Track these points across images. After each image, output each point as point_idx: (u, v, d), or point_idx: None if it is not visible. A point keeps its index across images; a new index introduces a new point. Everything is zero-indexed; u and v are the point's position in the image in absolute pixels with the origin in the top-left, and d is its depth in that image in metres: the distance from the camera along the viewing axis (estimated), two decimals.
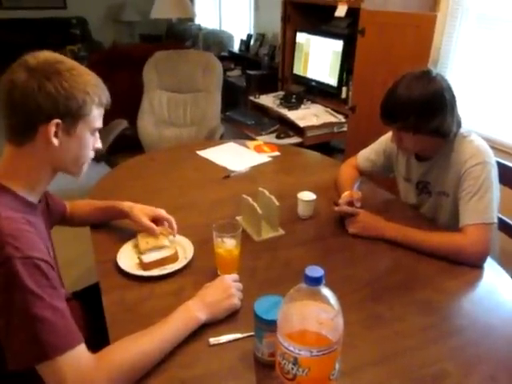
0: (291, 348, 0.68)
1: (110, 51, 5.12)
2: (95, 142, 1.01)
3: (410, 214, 1.52)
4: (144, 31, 6.72)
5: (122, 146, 2.74)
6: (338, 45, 2.69)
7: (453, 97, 1.28)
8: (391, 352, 0.94)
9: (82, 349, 0.80)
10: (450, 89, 1.27)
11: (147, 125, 2.83)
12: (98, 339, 0.89)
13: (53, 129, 0.88)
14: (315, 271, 0.67)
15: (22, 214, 0.88)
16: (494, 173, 1.29)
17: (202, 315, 0.96)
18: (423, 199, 1.50)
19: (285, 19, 3.01)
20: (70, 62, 0.92)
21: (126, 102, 2.95)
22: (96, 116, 0.96)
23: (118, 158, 2.74)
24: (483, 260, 1.22)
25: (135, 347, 0.85)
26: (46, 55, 0.90)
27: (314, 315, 0.70)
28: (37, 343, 0.76)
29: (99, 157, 2.81)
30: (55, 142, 0.90)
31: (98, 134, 1.01)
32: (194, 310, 0.96)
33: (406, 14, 2.19)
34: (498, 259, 1.33)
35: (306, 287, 0.69)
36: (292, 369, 0.70)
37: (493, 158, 1.30)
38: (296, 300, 0.70)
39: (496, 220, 1.26)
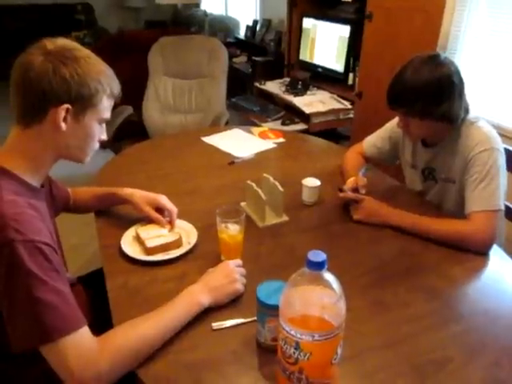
0: (293, 332, 0.68)
1: (116, 37, 5.09)
2: (101, 133, 1.01)
3: (415, 201, 1.51)
4: (149, 17, 6.67)
5: (127, 133, 2.74)
6: (344, 30, 2.65)
7: (461, 82, 1.26)
8: (395, 337, 0.94)
9: (85, 331, 0.81)
10: (458, 73, 1.25)
11: (152, 111, 2.82)
12: (101, 323, 0.90)
13: (62, 113, 0.89)
14: (317, 256, 0.67)
15: (25, 197, 0.88)
16: (502, 160, 1.27)
17: (205, 300, 0.96)
18: (429, 186, 1.48)
19: (291, 4, 2.97)
20: (86, 51, 0.93)
21: (131, 89, 2.92)
22: (106, 106, 0.96)
23: (123, 144, 2.73)
24: (489, 247, 1.20)
25: (138, 331, 0.86)
26: (64, 41, 0.91)
27: (316, 300, 0.70)
28: (40, 325, 0.76)
29: (105, 143, 2.79)
30: (63, 126, 0.90)
31: (104, 126, 1.01)
32: (197, 295, 0.96)
33: None
34: (504, 246, 1.32)
35: (308, 272, 0.68)
36: (294, 353, 0.70)
37: (501, 145, 1.28)
38: (298, 285, 0.70)
39: (503, 207, 1.24)
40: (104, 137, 1.02)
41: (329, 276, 0.69)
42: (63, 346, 0.77)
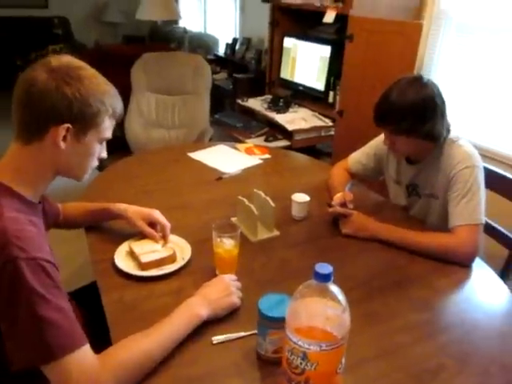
0: (300, 343, 0.70)
1: (94, 52, 5.07)
2: (101, 152, 1.01)
3: (399, 216, 1.56)
4: (127, 32, 6.67)
5: (109, 147, 2.70)
6: (325, 50, 2.74)
7: (443, 102, 1.33)
8: (389, 348, 0.97)
9: (86, 349, 0.80)
10: (440, 95, 1.32)
11: (135, 126, 2.82)
12: (96, 339, 0.89)
13: (62, 132, 0.89)
14: (324, 268, 0.69)
15: (26, 214, 0.88)
16: (482, 176, 1.34)
17: (203, 312, 0.97)
18: (413, 201, 1.54)
19: (273, 24, 3.04)
20: (91, 70, 0.93)
21: None
22: (107, 127, 0.96)
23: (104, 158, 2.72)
24: (472, 259, 1.26)
25: (139, 346, 0.86)
26: (69, 59, 0.91)
27: (322, 312, 0.72)
28: (43, 344, 0.76)
29: None
30: (62, 145, 0.90)
31: (104, 144, 1.01)
32: (196, 307, 0.97)
33: (394, 21, 2.26)
34: (483, 259, 1.38)
35: (315, 283, 0.71)
36: (301, 363, 0.72)
37: (480, 162, 1.36)
38: (305, 296, 0.72)
39: (483, 221, 1.31)
40: (104, 155, 1.02)
41: (334, 288, 0.71)
42: (66, 364, 0.77)
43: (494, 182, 1.51)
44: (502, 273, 1.50)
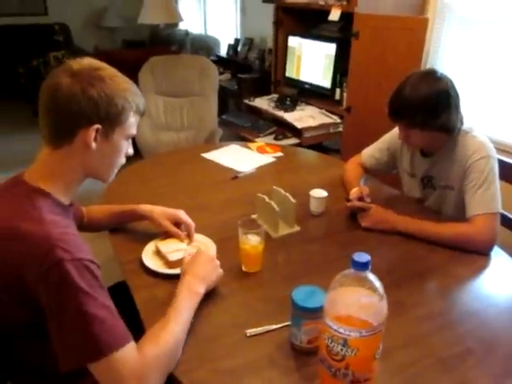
0: (341, 330, 0.73)
1: (96, 57, 5.11)
2: (128, 148, 1.03)
3: (415, 208, 1.59)
4: (126, 37, 6.70)
5: None
6: (330, 48, 2.76)
7: (457, 95, 1.35)
8: (416, 335, 1.00)
9: (132, 345, 0.83)
10: (454, 87, 1.35)
11: (144, 129, 2.84)
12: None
13: (93, 133, 0.91)
14: (362, 257, 0.72)
15: (61, 216, 0.91)
16: (496, 166, 1.37)
17: (201, 289, 1.04)
18: (428, 193, 1.57)
19: (277, 23, 3.07)
20: (111, 69, 0.95)
21: None
22: (132, 123, 0.98)
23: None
24: (491, 248, 1.29)
25: (167, 334, 0.89)
26: (90, 61, 0.93)
27: (359, 301, 0.75)
28: (92, 341, 0.78)
29: None
30: (94, 146, 0.92)
31: (130, 141, 1.03)
32: (194, 287, 1.03)
33: (399, 17, 2.28)
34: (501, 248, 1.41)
35: (353, 272, 0.74)
36: (341, 350, 0.74)
37: (494, 152, 1.38)
38: (343, 285, 0.75)
39: (500, 210, 1.33)
40: (131, 151, 1.05)
41: (372, 276, 0.74)
42: (115, 361, 0.79)
43: (506, 173, 1.54)
44: None
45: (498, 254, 1.31)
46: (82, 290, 0.79)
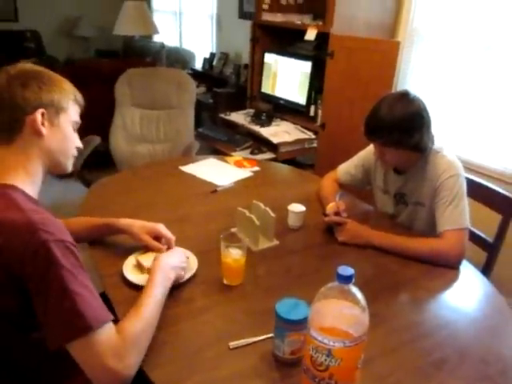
0: (325, 341, 0.76)
1: (68, 67, 5.03)
2: (76, 140, 1.09)
3: (387, 224, 1.65)
4: (99, 46, 6.65)
5: (95, 163, 2.72)
6: (306, 66, 2.84)
7: (428, 116, 1.43)
8: (394, 345, 1.05)
9: (112, 325, 0.87)
10: (426, 109, 1.43)
11: (119, 141, 2.83)
12: None
13: (39, 117, 0.96)
14: (346, 270, 0.76)
15: (35, 206, 0.93)
16: (465, 184, 1.45)
17: (172, 275, 1.13)
18: (400, 209, 1.64)
19: (254, 40, 3.14)
20: (48, 72, 1.02)
21: (94, 120, 2.94)
22: (74, 111, 1.06)
23: (89, 173, 2.72)
24: (461, 261, 1.36)
25: (144, 317, 0.94)
26: (25, 65, 1.00)
27: (342, 312, 0.79)
28: (78, 316, 0.81)
29: (72, 173, 2.77)
30: (43, 130, 0.98)
31: (77, 134, 1.09)
32: (168, 272, 1.11)
33: (373, 39, 2.39)
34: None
35: (337, 285, 0.77)
36: (325, 360, 0.77)
37: (463, 171, 1.47)
38: (327, 297, 0.78)
39: (469, 225, 1.41)
40: (80, 145, 1.10)
41: (355, 289, 0.78)
42: (98, 339, 0.82)
43: (473, 190, 1.63)
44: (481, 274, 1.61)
45: (465, 267, 1.38)
46: (65, 268, 0.82)
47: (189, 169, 2.05)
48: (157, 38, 5.94)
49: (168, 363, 0.94)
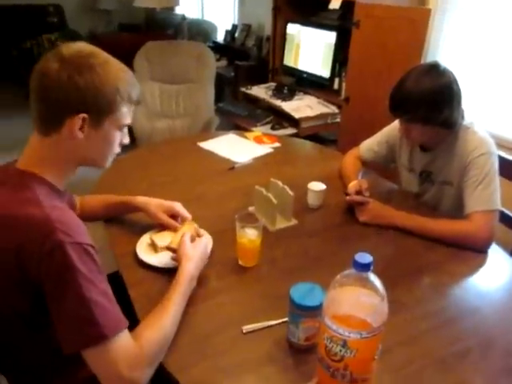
0: (341, 331, 0.72)
1: (91, 42, 5.01)
2: (123, 138, 1.00)
3: (412, 203, 1.58)
4: (122, 20, 6.57)
5: None
6: (330, 36, 2.72)
7: (459, 90, 1.33)
8: (414, 334, 1.00)
9: (127, 332, 0.83)
10: (456, 82, 1.33)
11: (139, 116, 2.80)
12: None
13: (79, 122, 0.88)
14: (364, 258, 0.71)
15: (58, 201, 0.90)
16: (497, 163, 1.36)
17: (196, 274, 1.06)
18: (426, 188, 1.56)
19: (275, 10, 3.02)
20: (103, 56, 0.91)
21: None
22: (125, 113, 0.95)
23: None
24: (489, 245, 1.29)
25: (160, 325, 0.90)
26: (81, 46, 0.89)
27: (360, 300, 0.74)
28: (94, 324, 0.78)
29: None
30: (80, 135, 0.90)
31: (126, 130, 1.01)
32: (195, 277, 1.05)
33: (401, 7, 2.25)
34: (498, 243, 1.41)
35: (354, 273, 0.72)
36: (340, 351, 0.73)
37: (495, 149, 1.37)
38: (344, 285, 0.74)
39: (500, 207, 1.33)
40: (126, 141, 1.02)
41: (373, 277, 0.73)
42: (113, 347, 0.79)
43: (505, 168, 1.53)
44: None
45: (495, 252, 1.30)
46: (81, 273, 0.79)
47: (207, 145, 2.01)
48: (179, 10, 5.83)
49: (179, 347, 0.92)
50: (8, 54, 5.32)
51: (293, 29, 3.03)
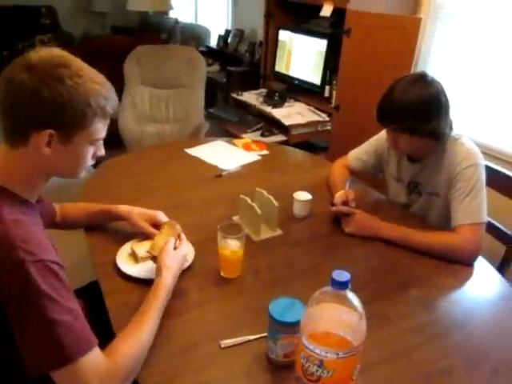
0: (317, 351, 0.70)
1: (84, 44, 4.98)
2: (97, 150, 0.95)
3: (400, 214, 1.56)
4: (116, 22, 6.54)
5: (104, 142, 2.68)
6: (321, 44, 2.71)
7: (447, 100, 1.32)
8: (398, 350, 0.97)
9: (97, 349, 0.80)
10: (444, 92, 1.31)
11: (128, 120, 2.78)
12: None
13: (45, 138, 0.83)
14: (342, 275, 0.69)
15: (24, 214, 0.86)
16: (484, 174, 1.34)
17: (173, 285, 1.03)
18: (413, 199, 1.54)
19: (268, 16, 3.01)
20: (76, 67, 0.84)
21: None
22: (98, 128, 0.88)
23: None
24: (475, 258, 1.27)
25: (138, 339, 0.87)
26: (52, 54, 0.83)
27: (338, 317, 0.72)
28: (58, 347, 0.75)
29: None
30: (47, 151, 0.84)
31: (101, 142, 0.95)
32: (171, 286, 1.01)
33: (392, 16, 2.24)
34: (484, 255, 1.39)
35: (331, 290, 0.70)
36: (317, 371, 0.71)
37: (482, 160, 1.36)
38: (321, 302, 0.71)
39: (486, 220, 1.31)
40: (101, 153, 0.97)
41: (351, 295, 0.71)
42: (81, 367, 0.76)
43: (492, 179, 1.52)
44: (498, 269, 1.51)
45: (481, 264, 1.28)
46: (44, 293, 0.75)
47: (194, 151, 1.98)
48: (172, 14, 5.81)
49: (155, 362, 0.89)
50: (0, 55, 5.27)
51: (284, 35, 3.02)
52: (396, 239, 1.33)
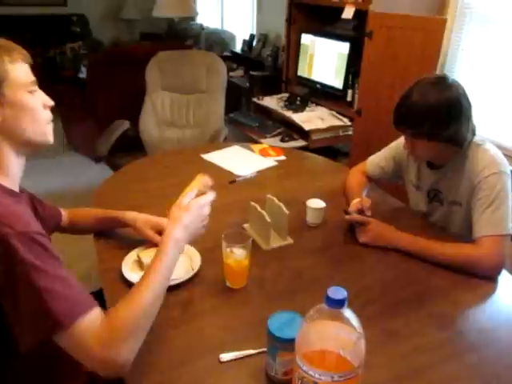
0: (311, 372, 0.65)
1: (111, 50, 5.08)
2: (44, 100, 0.93)
3: (420, 223, 1.49)
4: (144, 29, 6.67)
5: (124, 147, 2.71)
6: (344, 47, 2.66)
7: (469, 104, 1.25)
8: (409, 369, 0.91)
9: (95, 312, 0.80)
10: (466, 95, 1.24)
11: (149, 125, 2.79)
12: None
13: None
14: (338, 293, 0.64)
15: (7, 200, 0.85)
16: (509, 183, 1.26)
17: (185, 243, 0.98)
18: (434, 208, 1.47)
19: (289, 20, 2.97)
20: None
21: (128, 103, 2.93)
22: (18, 73, 0.87)
23: (118, 158, 2.71)
24: (498, 272, 1.19)
25: (137, 301, 0.84)
26: None
27: (335, 335, 0.67)
28: (48, 315, 0.75)
29: (99, 157, 2.78)
30: None
31: (41, 92, 0.93)
32: (182, 242, 0.95)
33: (415, 17, 2.16)
34: (509, 270, 1.30)
35: (327, 309, 0.65)
36: None
37: (508, 168, 1.27)
38: (316, 321, 0.67)
39: (511, 231, 1.23)
40: (50, 103, 0.94)
41: (349, 313, 0.66)
42: (78, 331, 0.76)
43: None
44: None
45: (505, 279, 1.20)
46: (31, 264, 0.75)
47: (210, 157, 1.96)
48: (199, 20, 5.86)
49: (153, 373, 0.87)
50: (34, 63, 5.45)
51: (306, 39, 2.98)
52: (412, 250, 1.26)
